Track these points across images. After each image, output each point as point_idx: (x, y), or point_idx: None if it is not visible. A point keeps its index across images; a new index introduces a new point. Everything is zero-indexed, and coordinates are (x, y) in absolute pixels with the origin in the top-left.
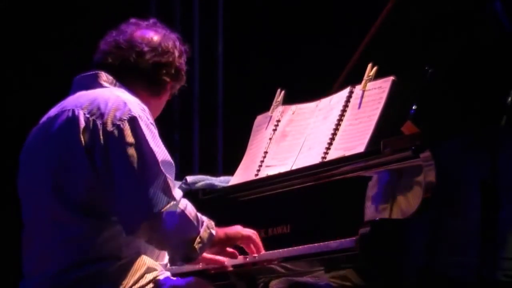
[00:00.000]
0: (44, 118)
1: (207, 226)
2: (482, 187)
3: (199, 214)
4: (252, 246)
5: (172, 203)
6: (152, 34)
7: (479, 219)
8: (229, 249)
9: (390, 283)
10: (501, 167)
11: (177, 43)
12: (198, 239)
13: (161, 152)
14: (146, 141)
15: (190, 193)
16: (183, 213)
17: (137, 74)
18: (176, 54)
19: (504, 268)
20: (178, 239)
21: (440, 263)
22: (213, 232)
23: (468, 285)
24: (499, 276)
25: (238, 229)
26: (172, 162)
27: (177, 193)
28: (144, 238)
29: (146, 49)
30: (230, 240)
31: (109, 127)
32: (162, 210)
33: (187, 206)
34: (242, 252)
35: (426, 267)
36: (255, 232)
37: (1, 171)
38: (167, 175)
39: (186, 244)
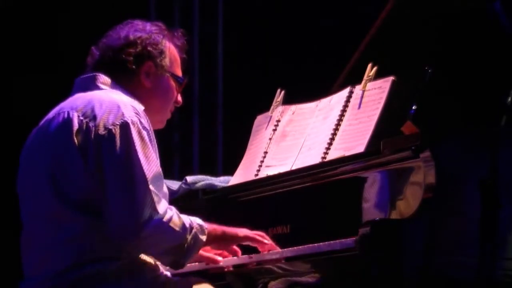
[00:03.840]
0: (43, 120)
1: (195, 232)
2: (481, 187)
3: (189, 221)
4: (257, 245)
5: (155, 216)
6: (116, 31)
7: (479, 219)
8: (234, 247)
9: (390, 283)
10: (501, 167)
11: (147, 27)
12: (184, 247)
13: (149, 164)
14: (136, 152)
15: (190, 193)
16: (166, 224)
17: (107, 68)
18: (140, 34)
19: (504, 268)
20: (161, 249)
21: (440, 263)
22: (202, 238)
23: (468, 285)
24: (499, 276)
25: (237, 231)
26: (161, 173)
27: (162, 206)
28: (128, 247)
29: (109, 43)
30: (227, 240)
31: (101, 131)
32: (143, 223)
33: (172, 217)
34: (245, 252)
35: (426, 267)
36: (260, 233)
37: (1, 172)
38: (152, 188)
39: (171, 251)
